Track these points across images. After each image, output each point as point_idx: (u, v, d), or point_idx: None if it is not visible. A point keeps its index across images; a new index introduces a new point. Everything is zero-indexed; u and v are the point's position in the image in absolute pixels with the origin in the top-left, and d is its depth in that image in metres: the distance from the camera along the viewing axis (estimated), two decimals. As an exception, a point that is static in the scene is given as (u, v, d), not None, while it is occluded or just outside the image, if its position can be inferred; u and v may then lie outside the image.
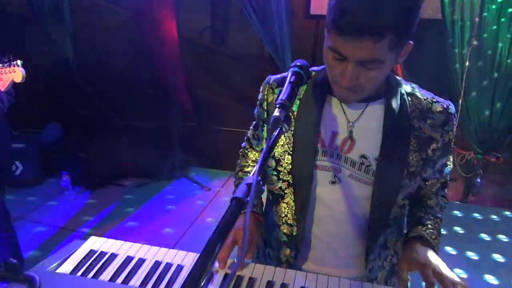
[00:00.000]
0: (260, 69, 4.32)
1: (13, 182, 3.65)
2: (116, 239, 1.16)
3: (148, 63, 4.10)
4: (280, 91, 0.86)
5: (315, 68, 1.09)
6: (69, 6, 3.81)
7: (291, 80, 0.90)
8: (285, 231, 1.13)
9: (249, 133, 1.26)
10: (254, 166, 1.22)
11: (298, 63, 0.93)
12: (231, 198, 0.65)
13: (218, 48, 4.80)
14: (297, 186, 1.06)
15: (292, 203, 1.09)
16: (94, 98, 4.18)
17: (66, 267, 1.03)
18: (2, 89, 1.62)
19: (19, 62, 1.60)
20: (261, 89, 1.14)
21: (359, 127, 1.02)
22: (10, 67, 1.58)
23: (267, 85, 1.13)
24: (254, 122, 1.22)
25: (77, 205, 3.37)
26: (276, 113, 0.80)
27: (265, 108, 1.12)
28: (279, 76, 1.13)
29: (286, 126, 0.80)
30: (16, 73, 1.58)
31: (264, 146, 1.14)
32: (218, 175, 3.94)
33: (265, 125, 1.14)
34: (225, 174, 3.94)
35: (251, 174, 0.69)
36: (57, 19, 3.80)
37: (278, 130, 0.79)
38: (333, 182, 1.04)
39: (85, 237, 2.86)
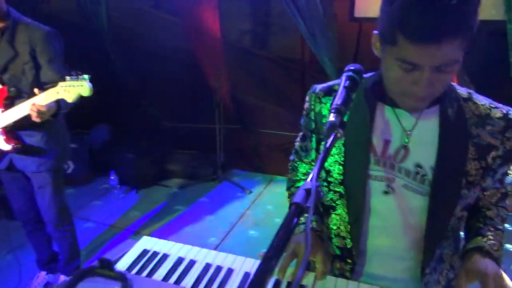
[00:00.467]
0: (300, 73, 4.29)
1: (65, 180, 3.84)
2: (161, 239, 1.20)
3: (193, 66, 4.19)
4: (334, 97, 0.84)
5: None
6: (109, 12, 3.99)
7: (346, 85, 0.87)
8: (337, 244, 1.11)
9: (297, 144, 1.23)
10: (305, 179, 1.21)
11: (352, 68, 0.90)
12: (290, 203, 0.65)
13: (258, 52, 4.82)
14: (349, 197, 1.04)
15: (345, 215, 1.06)
16: (141, 100, 4.33)
17: (122, 265, 1.07)
18: (69, 101, 1.70)
19: (86, 76, 1.66)
20: (306, 99, 1.12)
21: (414, 135, 0.98)
22: (78, 80, 1.66)
23: (313, 94, 1.09)
24: (301, 133, 1.20)
25: (124, 204, 3.49)
26: (332, 118, 0.78)
27: (312, 118, 1.09)
28: (325, 85, 1.10)
29: (341, 131, 0.79)
30: (83, 87, 1.66)
31: (313, 156, 1.14)
32: (259, 178, 3.95)
33: (313, 136, 1.11)
34: (266, 177, 3.95)
35: (308, 180, 0.69)
36: (105, 24, 3.99)
37: (333, 136, 0.78)
38: (386, 193, 1.01)
39: (133, 236, 2.96)
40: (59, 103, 1.84)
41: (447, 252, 1.08)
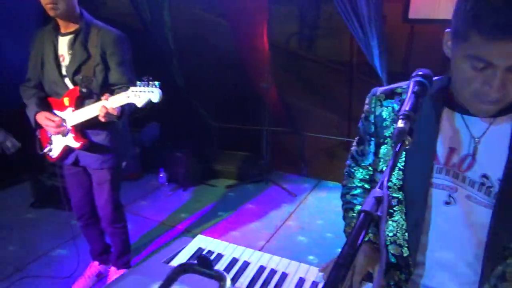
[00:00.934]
0: (348, 76, 4.22)
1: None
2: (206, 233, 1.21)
3: (241, 68, 4.24)
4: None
5: None
6: (169, 15, 4.11)
7: (415, 90, 0.83)
8: (393, 251, 1.07)
9: (353, 149, 1.20)
10: (361, 186, 1.19)
11: (421, 72, 0.86)
12: (359, 211, 0.63)
13: (305, 54, 4.79)
14: (409, 204, 1.00)
15: (403, 222, 1.02)
16: (191, 100, 4.43)
17: (177, 262, 1.10)
18: (139, 106, 1.76)
19: (157, 83, 1.72)
20: (366, 101, 1.08)
21: (483, 143, 0.93)
22: (148, 86, 1.72)
23: (374, 97, 1.06)
24: (357, 137, 1.17)
25: (172, 201, 3.59)
26: (401, 124, 0.75)
27: (372, 121, 1.06)
28: (387, 87, 1.06)
29: (409, 139, 0.75)
30: (154, 93, 1.71)
31: (370, 160, 1.10)
32: (303, 181, 3.92)
33: (372, 139, 1.08)
34: (312, 181, 3.91)
35: (377, 188, 0.66)
36: (161, 27, 4.13)
37: (400, 144, 0.74)
38: (447, 203, 0.97)
39: (183, 234, 3.01)
40: (124, 106, 1.90)
41: (511, 270, 1.00)
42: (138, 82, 1.73)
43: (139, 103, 1.75)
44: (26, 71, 2.15)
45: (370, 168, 1.15)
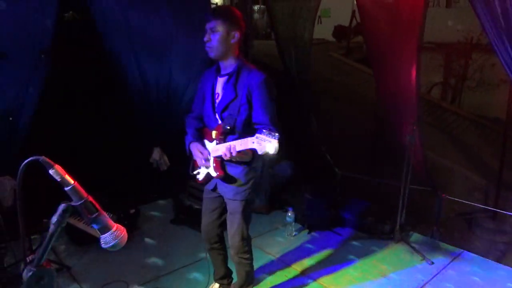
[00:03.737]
0: (498, 134, 3.74)
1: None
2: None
3: (381, 118, 4.12)
4: None
5: None
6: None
7: None
8: None
9: None
10: None
11: None
12: None
13: (448, 106, 4.44)
14: None
15: None
16: (319, 143, 4.43)
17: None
18: (260, 153, 1.84)
19: (276, 135, 1.78)
20: None
21: None
22: (269, 137, 1.78)
23: None
24: None
25: (296, 242, 3.56)
26: None
27: None
28: None
29: None
30: (271, 144, 1.77)
31: None
32: (442, 248, 3.48)
33: None
34: (452, 249, 3.46)
35: None
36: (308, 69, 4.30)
37: None
38: None
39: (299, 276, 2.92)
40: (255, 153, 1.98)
41: None
42: (264, 131, 1.80)
43: (259, 151, 1.82)
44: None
45: None
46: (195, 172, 2.39)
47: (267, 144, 1.77)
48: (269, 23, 4.93)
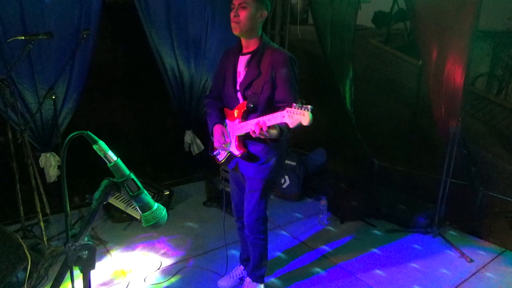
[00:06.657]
0: None
1: (280, 194, 4.17)
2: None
3: (423, 108, 3.96)
4: None
5: None
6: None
7: None
8: None
9: None
10: None
11: None
12: None
13: (494, 98, 4.22)
14: None
15: None
16: (357, 134, 4.32)
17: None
18: (291, 127, 1.80)
19: (310, 107, 1.73)
20: None
21: None
22: (301, 109, 1.74)
23: None
24: None
25: (328, 231, 3.53)
26: None
27: None
28: None
29: None
30: (305, 116, 1.72)
31: None
32: (482, 246, 3.33)
33: None
34: (494, 248, 3.30)
35: None
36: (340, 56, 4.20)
37: None
38: None
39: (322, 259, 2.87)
40: (282, 129, 1.98)
41: None
42: (294, 104, 1.76)
43: (291, 124, 1.78)
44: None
45: None
46: (215, 153, 2.40)
47: (300, 117, 1.74)
48: (307, 7, 4.80)
